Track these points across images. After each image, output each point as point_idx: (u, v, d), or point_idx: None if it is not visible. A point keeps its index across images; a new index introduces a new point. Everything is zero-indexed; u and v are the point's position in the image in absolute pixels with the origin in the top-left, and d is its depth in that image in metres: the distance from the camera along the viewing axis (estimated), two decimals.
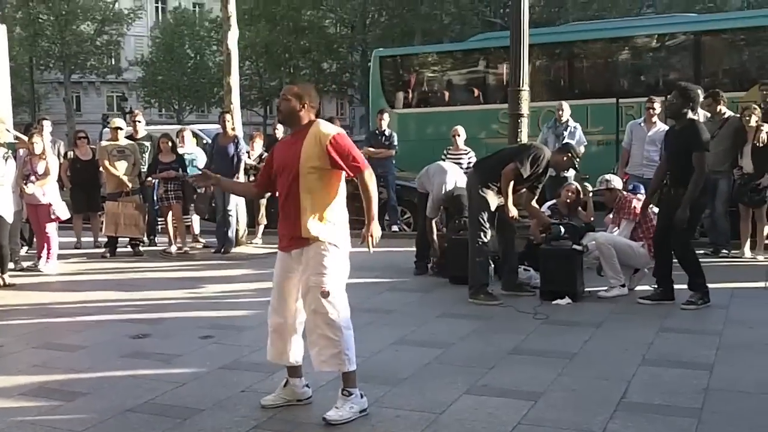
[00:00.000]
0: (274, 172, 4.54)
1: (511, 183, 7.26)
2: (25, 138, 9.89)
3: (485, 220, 7.34)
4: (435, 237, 8.70)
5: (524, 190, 7.60)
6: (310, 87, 4.55)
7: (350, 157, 4.36)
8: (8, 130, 10.20)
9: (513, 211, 7.35)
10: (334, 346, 4.34)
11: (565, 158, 7.59)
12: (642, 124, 10.14)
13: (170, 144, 11.27)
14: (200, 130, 16.60)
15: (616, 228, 7.69)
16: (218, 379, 5.17)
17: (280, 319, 4.51)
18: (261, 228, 11.94)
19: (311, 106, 4.43)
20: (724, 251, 9.40)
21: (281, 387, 4.64)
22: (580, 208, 8.74)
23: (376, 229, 4.46)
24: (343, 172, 4.41)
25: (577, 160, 7.65)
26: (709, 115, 9.34)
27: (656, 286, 7.12)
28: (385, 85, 17.73)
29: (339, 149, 4.33)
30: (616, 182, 8.00)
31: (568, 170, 9.30)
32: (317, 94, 4.53)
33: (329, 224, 4.39)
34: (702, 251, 7.41)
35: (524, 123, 9.14)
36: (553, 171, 7.89)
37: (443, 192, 8.57)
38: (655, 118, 9.89)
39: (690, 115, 6.88)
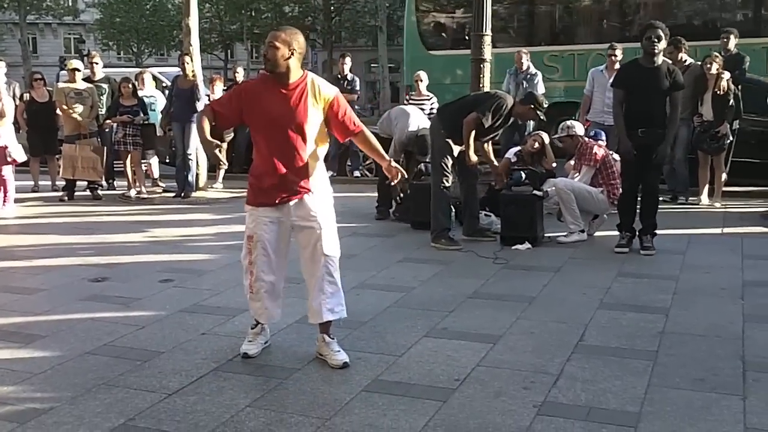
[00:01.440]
0: (261, 121, 4.26)
1: (473, 132, 7.25)
2: None
3: (448, 165, 7.35)
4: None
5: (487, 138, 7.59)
6: (298, 33, 4.27)
7: (349, 120, 4.38)
8: None
9: (473, 158, 7.35)
10: (340, 294, 4.39)
11: (528, 109, 7.53)
12: (603, 71, 10.14)
13: (131, 87, 11.08)
14: (160, 72, 16.28)
15: (577, 174, 7.74)
16: (178, 322, 5.14)
17: (275, 277, 4.43)
18: (221, 172, 11.84)
19: (300, 52, 4.21)
20: (682, 198, 9.54)
21: (255, 333, 4.53)
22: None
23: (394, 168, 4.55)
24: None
25: (541, 111, 7.55)
26: (670, 62, 9.32)
27: (625, 232, 7.05)
28: (420, 26, 16.91)
29: (341, 114, 4.33)
30: (578, 128, 8.03)
31: (531, 121, 9.28)
32: (305, 40, 4.35)
33: (322, 171, 4.43)
34: (660, 198, 7.47)
35: (487, 68, 9.09)
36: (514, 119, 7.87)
37: (406, 134, 8.54)
38: (617, 65, 9.87)
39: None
